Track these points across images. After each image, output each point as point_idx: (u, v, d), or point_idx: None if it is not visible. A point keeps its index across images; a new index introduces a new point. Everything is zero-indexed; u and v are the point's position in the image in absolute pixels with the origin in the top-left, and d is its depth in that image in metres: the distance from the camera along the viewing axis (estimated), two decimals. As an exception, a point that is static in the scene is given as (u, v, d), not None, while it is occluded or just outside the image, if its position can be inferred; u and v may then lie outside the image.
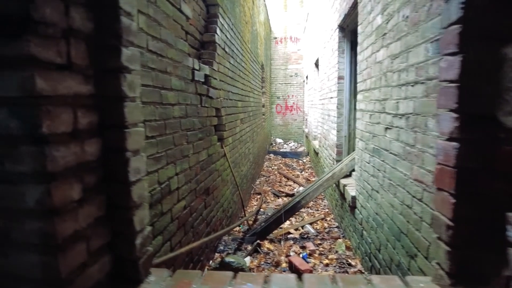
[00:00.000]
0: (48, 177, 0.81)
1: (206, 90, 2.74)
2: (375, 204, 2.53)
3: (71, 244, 0.89)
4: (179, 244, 2.12)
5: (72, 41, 0.89)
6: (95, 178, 1.00)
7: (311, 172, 7.80)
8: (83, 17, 0.93)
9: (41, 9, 0.78)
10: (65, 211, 0.87)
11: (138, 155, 1.13)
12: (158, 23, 1.75)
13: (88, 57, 0.95)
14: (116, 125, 1.03)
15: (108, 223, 1.07)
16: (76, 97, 0.91)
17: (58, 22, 0.84)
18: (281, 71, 12.42)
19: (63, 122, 0.86)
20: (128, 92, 1.05)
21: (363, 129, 2.91)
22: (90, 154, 0.97)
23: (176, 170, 2.06)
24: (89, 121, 0.96)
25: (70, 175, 0.88)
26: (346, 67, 4.17)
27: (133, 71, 1.08)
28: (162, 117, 1.82)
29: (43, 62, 0.80)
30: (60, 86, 0.85)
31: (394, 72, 2.06)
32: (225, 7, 3.44)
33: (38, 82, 0.78)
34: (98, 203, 1.01)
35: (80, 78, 0.92)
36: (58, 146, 0.84)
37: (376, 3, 2.43)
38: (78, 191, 0.92)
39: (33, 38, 0.77)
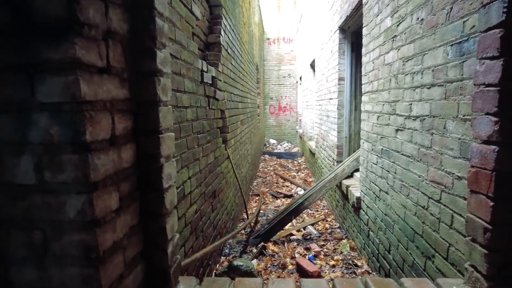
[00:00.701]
0: (90, 186, 0.78)
1: (213, 92, 2.71)
2: (383, 205, 2.54)
3: (110, 256, 0.86)
4: (191, 249, 2.09)
5: (111, 43, 0.85)
6: (130, 186, 0.96)
7: (307, 172, 7.82)
8: (119, 18, 0.89)
9: (86, 10, 0.74)
10: (105, 222, 0.83)
11: (170, 160, 1.10)
12: (173, 25, 1.72)
13: (124, 60, 0.92)
14: (150, 130, 1.00)
15: (141, 232, 1.03)
16: (113, 102, 0.87)
17: (100, 24, 0.80)
18: (274, 72, 12.44)
19: (103, 128, 0.82)
20: (162, 96, 1.02)
21: (370, 130, 2.92)
22: (126, 161, 0.93)
23: (189, 174, 2.03)
24: (125, 126, 0.93)
25: (109, 183, 0.85)
26: (346, 69, 4.19)
27: (165, 74, 1.05)
28: (178, 120, 1.79)
29: (86, 65, 0.76)
30: (100, 90, 0.81)
31: (407, 74, 2.07)
32: (227, 8, 3.41)
33: (82, 86, 0.74)
34: (133, 212, 0.98)
35: (117, 81, 0.89)
36: (99, 154, 0.81)
37: (384, 5, 2.44)
38: (116, 200, 0.88)
39: (78, 40, 0.73)
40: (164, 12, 1.03)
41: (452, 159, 1.54)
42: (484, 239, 1.04)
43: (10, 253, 0.82)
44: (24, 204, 0.80)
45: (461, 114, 1.45)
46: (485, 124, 1.01)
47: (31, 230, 0.81)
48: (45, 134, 0.76)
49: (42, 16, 0.72)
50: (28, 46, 0.74)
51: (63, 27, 0.72)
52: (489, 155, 1.00)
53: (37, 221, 0.81)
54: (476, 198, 1.08)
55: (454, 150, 1.52)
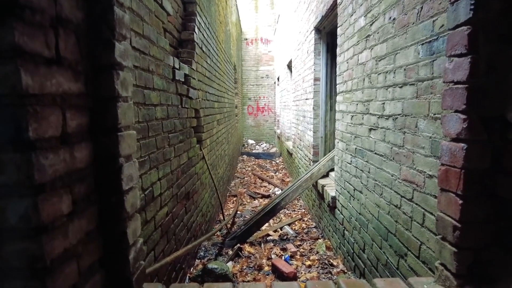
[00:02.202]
0: (35, 189, 0.70)
1: (186, 90, 2.63)
2: (358, 204, 2.56)
3: (61, 265, 0.78)
4: (162, 253, 2.00)
5: (61, 32, 0.78)
6: (85, 188, 0.88)
7: (285, 172, 7.84)
8: (72, 5, 0.82)
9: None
10: (53, 228, 0.75)
11: (130, 160, 1.03)
12: (141, 19, 1.64)
13: (78, 51, 0.84)
14: (108, 128, 0.92)
15: (100, 237, 0.96)
16: (65, 96, 0.79)
17: (46, 9, 0.72)
18: (252, 72, 12.41)
19: (52, 125, 0.74)
20: (121, 91, 0.95)
21: (344, 130, 2.93)
22: (80, 161, 0.86)
23: (159, 175, 1.94)
24: (79, 123, 0.85)
25: (59, 185, 0.77)
26: (322, 69, 4.21)
27: (125, 68, 0.98)
28: (146, 118, 1.71)
29: (30, 54, 0.68)
30: (48, 83, 0.73)
31: (380, 74, 2.08)
32: (202, 5, 3.34)
33: (24, 78, 0.67)
34: (89, 216, 0.90)
35: (70, 74, 0.81)
36: (46, 153, 0.73)
37: (358, 5, 2.45)
38: (67, 204, 0.80)
39: (18, 25, 0.65)
40: (125, 2, 0.96)
41: (424, 157, 1.55)
42: (454, 237, 1.04)
43: None
44: (-42, 209, 0.71)
45: (431, 113, 1.46)
46: (454, 122, 1.01)
47: (-33, 239, 0.72)
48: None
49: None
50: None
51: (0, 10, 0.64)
52: (458, 153, 1.00)
53: (-26, 229, 0.72)
54: (446, 196, 1.08)
55: (425, 149, 1.53)
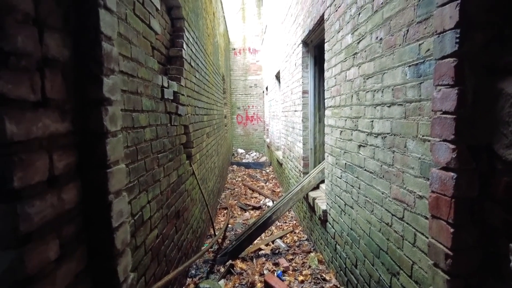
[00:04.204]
0: (21, 240, 0.67)
1: (175, 108, 2.61)
2: (349, 219, 2.56)
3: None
4: (153, 276, 1.96)
5: (48, 73, 0.76)
6: (74, 228, 0.86)
7: (275, 182, 7.83)
8: (59, 44, 0.80)
9: (12, 37, 0.65)
10: (40, 277, 0.72)
11: (120, 195, 1.00)
12: (129, 41, 1.62)
13: (65, 89, 0.82)
14: (97, 165, 0.90)
15: (89, 275, 0.92)
16: (52, 138, 0.77)
17: (33, 52, 0.71)
18: (240, 81, 12.45)
19: (38, 170, 0.72)
20: (110, 126, 0.93)
21: (333, 144, 2.95)
22: (69, 202, 0.83)
23: (148, 198, 1.91)
24: (67, 163, 0.83)
25: (46, 232, 0.74)
26: (310, 82, 4.24)
27: (114, 102, 0.96)
28: (134, 142, 1.68)
29: (15, 101, 0.66)
30: (34, 127, 0.71)
31: (368, 92, 2.10)
32: (190, 20, 3.34)
33: (9, 126, 0.64)
34: (78, 256, 0.87)
35: (57, 115, 0.79)
36: (33, 201, 0.70)
37: (345, 22, 2.49)
38: (55, 249, 0.77)
39: (2, 74, 0.63)
40: (113, 35, 0.94)
41: (413, 178, 1.56)
42: (446, 265, 1.05)
43: None
44: None
45: (420, 134, 1.48)
46: (443, 151, 1.02)
47: None
48: (-38, 182, 0.65)
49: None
50: None
51: (-17, 58, 0.62)
52: (449, 182, 1.01)
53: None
54: (437, 223, 1.09)
55: (415, 169, 1.54)
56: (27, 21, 0.67)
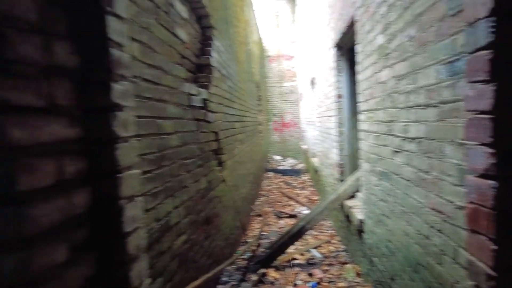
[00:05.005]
0: (25, 242, 0.68)
1: (204, 115, 2.64)
2: (386, 230, 2.40)
3: (55, 318, 0.75)
4: (181, 283, 1.96)
5: (55, 80, 0.78)
6: (84, 233, 0.87)
7: (311, 190, 7.65)
8: (67, 51, 0.82)
9: (18, 45, 0.67)
10: (47, 280, 0.73)
11: (133, 201, 1.00)
12: (153, 50, 1.66)
13: (74, 96, 0.84)
14: (107, 171, 0.91)
15: (101, 282, 0.93)
16: (60, 143, 0.79)
17: (39, 59, 0.73)
18: (276, 88, 12.45)
19: (45, 174, 0.73)
20: (120, 132, 0.93)
21: (368, 150, 2.80)
22: (78, 207, 0.84)
23: (176, 203, 1.93)
24: (77, 169, 0.84)
25: (54, 235, 0.75)
26: (345, 86, 4.11)
27: (125, 108, 0.97)
28: (160, 148, 1.71)
29: (20, 107, 0.68)
30: (41, 132, 0.73)
31: (401, 94, 1.97)
32: (220, 28, 3.39)
33: (13, 131, 0.66)
34: (89, 261, 0.88)
35: (66, 121, 0.81)
36: (39, 204, 0.72)
37: (375, 22, 2.37)
38: (64, 253, 0.78)
39: (6, 80, 0.65)
40: (122, 42, 0.95)
41: (452, 186, 1.42)
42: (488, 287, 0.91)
43: None
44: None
45: (458, 138, 1.34)
46: (479, 156, 0.90)
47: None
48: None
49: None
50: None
51: (-10, 66, 0.65)
52: (487, 191, 0.89)
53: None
54: (477, 238, 0.96)
55: (453, 177, 1.40)
56: (31, 30, 0.69)
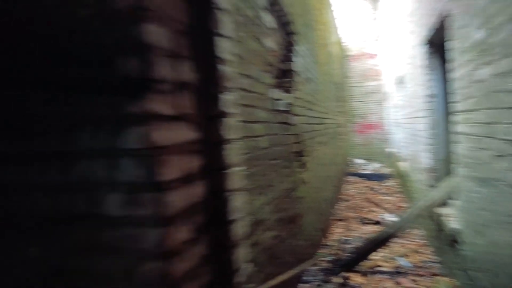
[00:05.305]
0: (164, 221, 0.88)
1: (287, 118, 2.77)
2: (488, 242, 2.18)
3: (183, 284, 0.94)
4: (269, 275, 2.11)
5: (182, 93, 0.97)
6: (201, 219, 1.05)
7: (398, 196, 7.19)
8: (188, 69, 1.01)
9: (158, 68, 0.87)
10: (178, 252, 0.92)
11: (236, 194, 1.17)
12: (247, 61, 1.84)
13: (194, 106, 1.03)
14: (217, 168, 1.09)
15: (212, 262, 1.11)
16: (185, 145, 0.98)
17: (171, 78, 0.93)
18: (358, 88, 12.00)
19: (175, 169, 0.93)
20: (227, 135, 1.11)
21: (465, 154, 2.58)
22: (198, 197, 1.03)
23: (265, 201, 2.08)
24: (196, 165, 1.03)
25: (182, 218, 0.94)
26: (436, 85, 3.81)
27: (230, 115, 1.14)
28: (251, 150, 1.88)
29: (159, 116, 0.88)
30: (173, 135, 0.93)
31: (503, 93, 1.79)
32: (301, 33, 3.49)
33: (154, 135, 0.86)
34: (204, 243, 1.06)
35: (189, 126, 1.00)
36: (172, 192, 0.91)
37: (472, 16, 2.19)
38: (188, 233, 0.97)
39: (151, 95, 0.86)
40: (228, 58, 1.12)
41: None
42: None
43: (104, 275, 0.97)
44: (113, 233, 0.94)
45: None
46: None
47: (118, 257, 0.95)
48: (128, 176, 0.90)
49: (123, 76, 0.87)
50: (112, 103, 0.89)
51: (140, 84, 0.86)
52: None
53: (123, 249, 0.94)
54: None
55: None
56: (167, 55, 0.89)
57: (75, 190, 0.98)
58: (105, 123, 0.91)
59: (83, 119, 0.94)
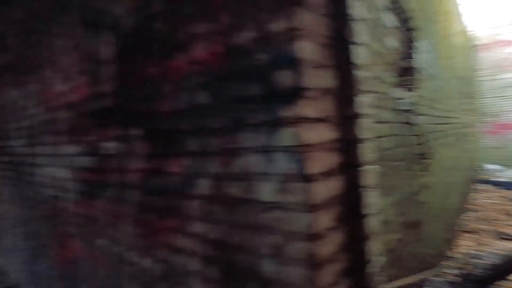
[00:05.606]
0: (312, 208, 1.03)
1: (410, 118, 2.66)
2: None
3: (324, 265, 1.07)
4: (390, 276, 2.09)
5: (323, 98, 1.11)
6: (339, 210, 1.16)
7: (547, 209, 5.93)
8: (330, 76, 1.15)
9: (307, 78, 1.03)
10: (322, 237, 1.06)
11: (369, 191, 1.24)
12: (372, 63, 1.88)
13: (333, 108, 1.16)
14: (354, 164, 1.18)
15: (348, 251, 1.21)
16: (327, 143, 1.11)
17: (316, 85, 1.07)
18: (490, 82, 10.31)
19: (320, 164, 1.07)
20: (362, 135, 1.19)
21: None
22: (336, 190, 1.15)
23: (390, 202, 2.07)
24: (335, 161, 1.15)
25: (324, 207, 1.08)
26: None
27: (365, 115, 1.23)
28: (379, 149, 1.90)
29: (306, 118, 1.04)
30: (317, 135, 1.07)
31: None
32: (423, 28, 3.28)
33: (304, 134, 1.02)
34: (342, 232, 1.17)
35: (328, 126, 1.13)
36: (316, 183, 1.05)
37: None
38: (329, 221, 1.10)
39: (301, 102, 1.02)
40: (362, 63, 1.21)
41: None
42: None
43: (258, 250, 1.18)
44: (267, 215, 1.14)
45: None
46: None
47: (270, 235, 1.14)
48: (281, 168, 1.08)
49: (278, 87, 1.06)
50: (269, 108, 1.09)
51: (291, 93, 1.03)
52: None
53: (273, 229, 1.13)
54: None
55: None
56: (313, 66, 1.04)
57: (235, 179, 1.23)
58: (262, 125, 1.12)
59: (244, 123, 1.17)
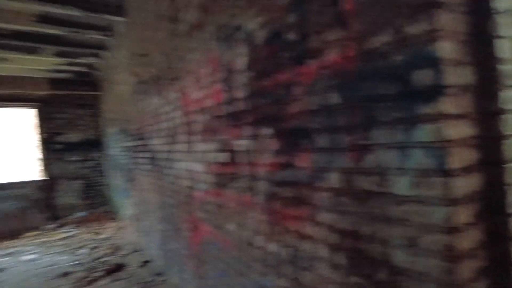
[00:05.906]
0: (451, 202, 1.06)
1: None
2: None
3: (464, 259, 1.09)
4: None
5: (463, 95, 1.13)
6: (478, 207, 1.16)
7: None
8: (469, 73, 1.15)
9: (448, 76, 1.07)
10: (460, 231, 1.08)
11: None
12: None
13: (472, 104, 1.16)
14: (494, 161, 1.16)
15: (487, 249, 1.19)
16: (466, 139, 1.13)
17: (456, 83, 1.10)
18: None
19: (459, 159, 1.09)
20: (506, 131, 1.16)
21: None
22: (474, 186, 1.15)
23: None
24: (475, 158, 1.15)
25: (463, 202, 1.10)
26: None
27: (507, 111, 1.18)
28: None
29: (447, 115, 1.07)
30: (457, 131, 1.10)
31: None
32: None
33: (444, 130, 1.06)
34: (481, 229, 1.16)
35: (469, 123, 1.14)
36: (455, 178, 1.08)
37: None
38: (468, 216, 1.11)
39: (442, 99, 1.06)
40: (506, 56, 1.17)
41: None
42: None
43: (390, 240, 1.25)
44: (401, 208, 1.20)
45: None
46: None
47: (404, 227, 1.20)
48: (418, 163, 1.14)
49: (417, 85, 1.12)
50: (406, 106, 1.16)
51: (432, 91, 1.08)
52: None
53: (407, 221, 1.19)
54: None
55: None
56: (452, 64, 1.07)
57: (367, 173, 1.32)
58: (397, 122, 1.19)
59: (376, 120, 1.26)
